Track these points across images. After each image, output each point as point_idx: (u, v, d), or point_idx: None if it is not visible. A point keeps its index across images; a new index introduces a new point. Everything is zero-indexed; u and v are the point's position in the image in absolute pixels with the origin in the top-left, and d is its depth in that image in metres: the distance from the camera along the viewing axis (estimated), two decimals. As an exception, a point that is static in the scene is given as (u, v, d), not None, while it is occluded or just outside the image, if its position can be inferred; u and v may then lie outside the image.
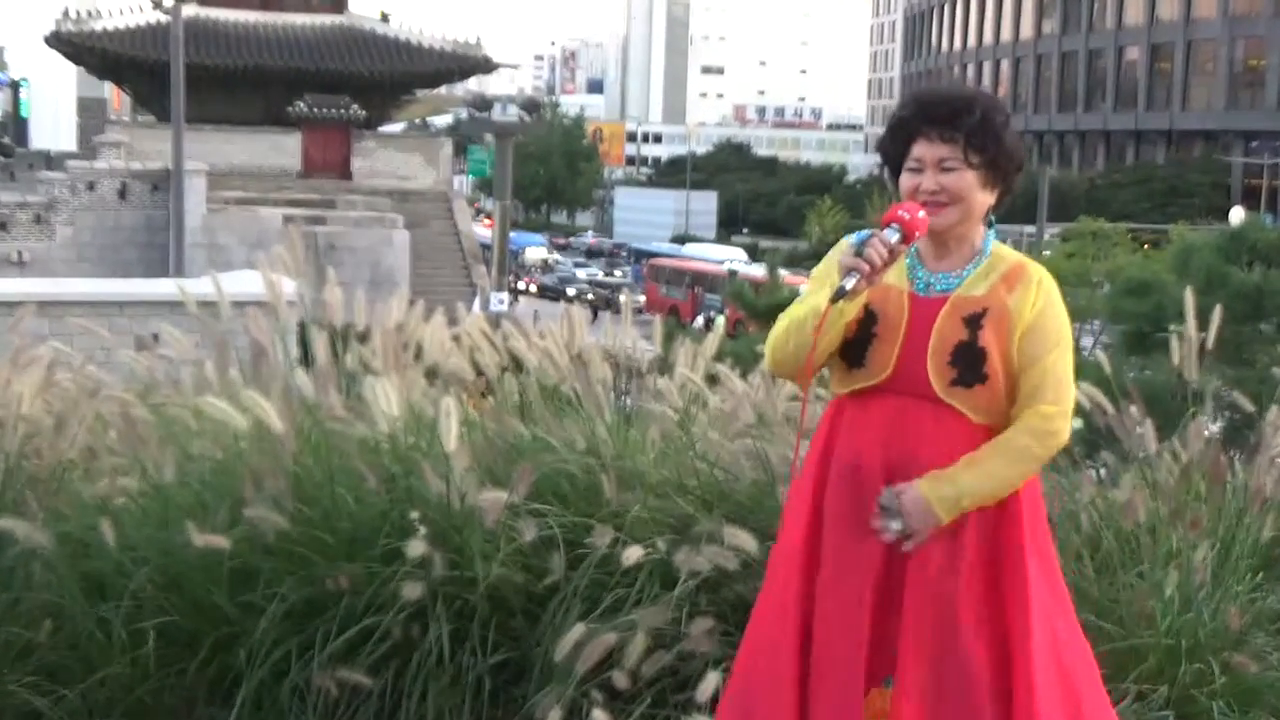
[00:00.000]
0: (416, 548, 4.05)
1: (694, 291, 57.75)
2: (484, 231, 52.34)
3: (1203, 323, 4.98)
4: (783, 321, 3.28)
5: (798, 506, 3.35)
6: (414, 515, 4.11)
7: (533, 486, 4.24)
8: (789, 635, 3.26)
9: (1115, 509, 4.69)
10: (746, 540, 4.10)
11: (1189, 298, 4.90)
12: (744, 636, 3.44)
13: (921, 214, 3.17)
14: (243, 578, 4.27)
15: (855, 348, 3.25)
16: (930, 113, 3.24)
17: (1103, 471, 5.23)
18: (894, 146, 3.30)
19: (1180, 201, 70.03)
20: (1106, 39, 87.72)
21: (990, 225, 3.33)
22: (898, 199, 3.30)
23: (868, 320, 3.24)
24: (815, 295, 3.26)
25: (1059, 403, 3.18)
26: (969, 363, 3.17)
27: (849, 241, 3.24)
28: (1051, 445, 3.19)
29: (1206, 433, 5.07)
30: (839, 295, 3.11)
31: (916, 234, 3.17)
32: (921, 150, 3.24)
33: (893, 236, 3.14)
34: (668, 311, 51.14)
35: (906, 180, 3.26)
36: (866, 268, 3.11)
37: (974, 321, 3.19)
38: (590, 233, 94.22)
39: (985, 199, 3.27)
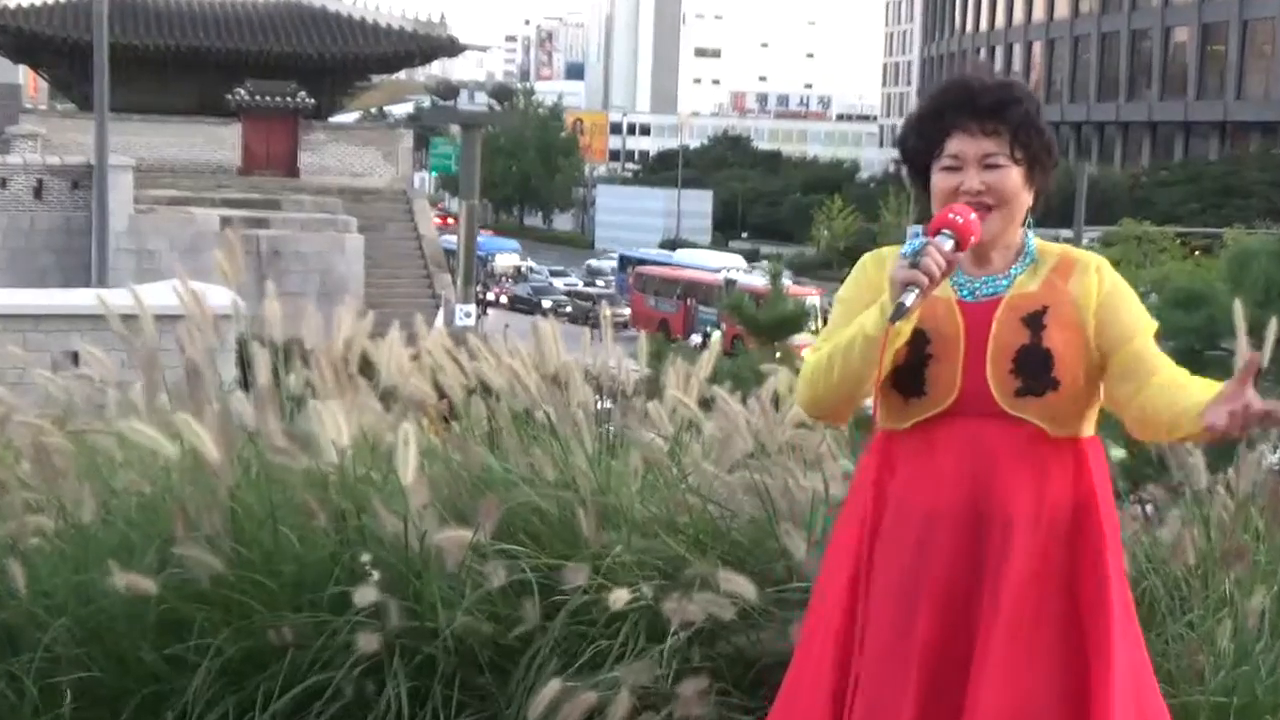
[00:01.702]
0: (369, 594, 4.05)
1: (686, 303, 57.85)
2: (448, 236, 52.33)
3: (1260, 338, 4.99)
4: (814, 356, 3.26)
5: (840, 562, 3.32)
6: (366, 558, 4.11)
7: (502, 524, 4.24)
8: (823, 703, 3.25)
9: (1162, 550, 4.70)
10: (744, 586, 4.10)
11: (1238, 309, 4.91)
12: (775, 706, 3.43)
13: (974, 216, 3.17)
14: (173, 628, 4.26)
15: (910, 373, 3.21)
16: (974, 102, 3.24)
17: (1148, 508, 5.24)
18: (923, 141, 3.30)
19: (1235, 202, 70.26)
20: (1152, 18, 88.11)
21: (1028, 225, 3.35)
22: (923, 202, 3.31)
23: (918, 340, 3.20)
24: (842, 321, 3.26)
25: (1183, 370, 3.17)
26: (1034, 369, 3.17)
27: (900, 253, 3.21)
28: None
29: (1265, 463, 5.08)
30: (899, 313, 3.07)
31: (971, 239, 3.16)
32: (961, 145, 3.24)
33: (947, 244, 3.12)
34: (656, 326, 51.32)
35: (943, 180, 3.26)
36: (926, 280, 3.08)
37: (1034, 321, 3.20)
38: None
39: (1027, 199, 3.30)
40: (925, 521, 3.19)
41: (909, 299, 3.07)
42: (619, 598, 4.09)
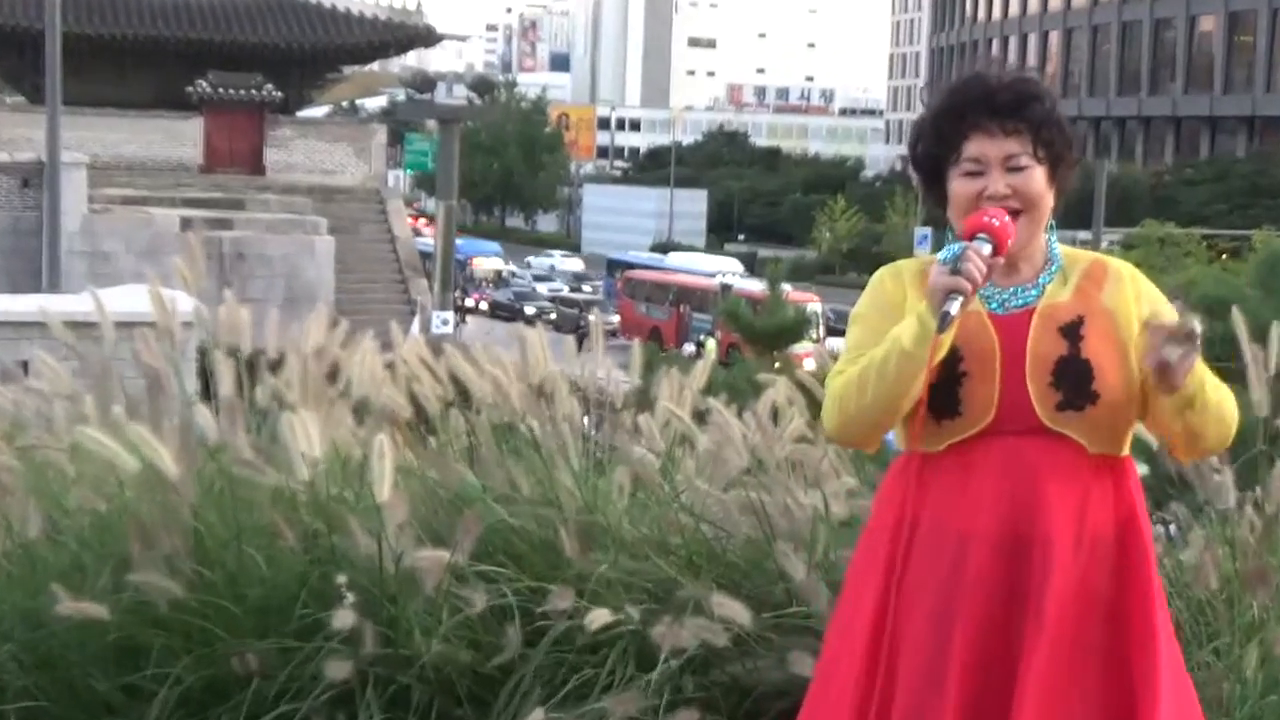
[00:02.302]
0: (342, 619, 4.05)
1: (679, 310, 57.93)
2: (425, 238, 52.35)
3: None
4: (839, 379, 3.24)
5: (865, 589, 3.32)
6: (342, 579, 4.11)
7: (481, 545, 4.24)
8: None
9: (1185, 572, 4.71)
10: (739, 611, 4.11)
11: (1238, 316, 4.91)
12: None
13: (1008, 218, 3.18)
14: (128, 656, 4.26)
15: (943, 393, 3.20)
16: (993, 101, 3.24)
17: (1172, 528, 5.25)
18: (939, 145, 3.30)
19: (1264, 202, 70.46)
20: (1176, 6, 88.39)
21: (1051, 229, 3.36)
22: (941, 205, 3.31)
23: (950, 358, 3.19)
24: (867, 339, 3.25)
25: (1225, 389, 3.25)
26: (1075, 381, 3.19)
27: (938, 259, 3.20)
28: (1234, 427, 3.30)
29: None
30: (945, 323, 3.08)
31: (1009, 242, 3.17)
32: (981, 147, 3.24)
33: (985, 248, 3.13)
34: (647, 334, 51.38)
35: (964, 186, 3.26)
36: (969, 287, 3.08)
37: (1072, 331, 3.21)
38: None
39: (1051, 201, 3.31)
40: (961, 545, 3.20)
41: (953, 307, 3.07)
42: (598, 618, 4.09)
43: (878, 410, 3.21)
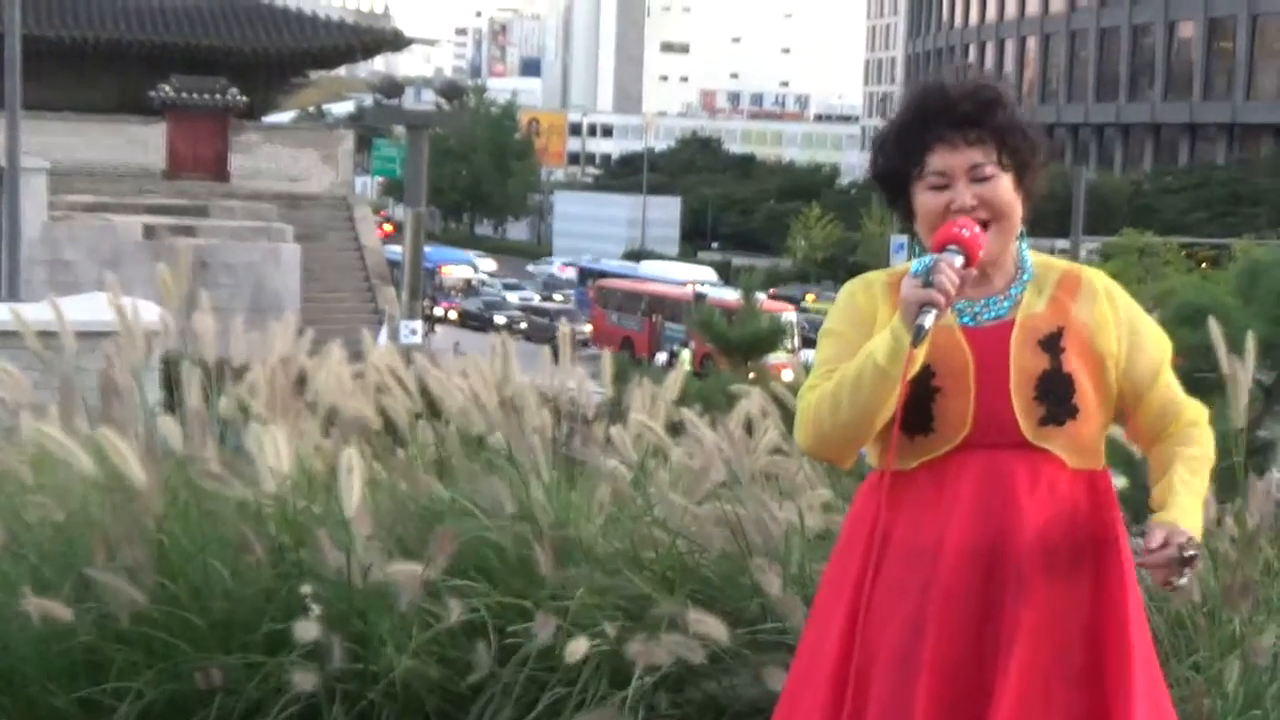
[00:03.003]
0: (308, 630, 4.04)
1: (652, 320, 57.90)
2: (393, 246, 52.27)
3: (1275, 358, 5.02)
4: (811, 394, 3.23)
5: (834, 607, 3.32)
6: (307, 589, 4.10)
7: (454, 560, 4.24)
8: None
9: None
10: (715, 627, 4.11)
11: (1215, 328, 4.94)
12: None
13: (978, 229, 3.17)
14: (88, 670, 4.25)
15: (915, 409, 3.20)
16: (954, 111, 3.24)
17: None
18: (903, 160, 3.28)
19: (1244, 210, 70.71)
20: (1155, 11, 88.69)
21: (1021, 236, 3.36)
22: (907, 218, 3.31)
23: (922, 374, 3.18)
24: (839, 353, 3.25)
25: (1198, 413, 3.35)
26: (1057, 395, 3.21)
27: (911, 270, 3.19)
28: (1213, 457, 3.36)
29: (1276, 493, 5.11)
30: (919, 336, 3.07)
31: (980, 253, 3.17)
32: (945, 159, 3.23)
33: (957, 260, 3.12)
34: (620, 344, 51.36)
35: (931, 199, 3.25)
36: (942, 299, 3.08)
37: (1052, 344, 3.23)
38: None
39: (1020, 208, 3.30)
40: (933, 558, 3.20)
41: (927, 320, 3.06)
42: (577, 648, 4.09)
43: (852, 427, 3.20)
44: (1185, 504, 3.21)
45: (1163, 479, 3.28)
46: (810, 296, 71.61)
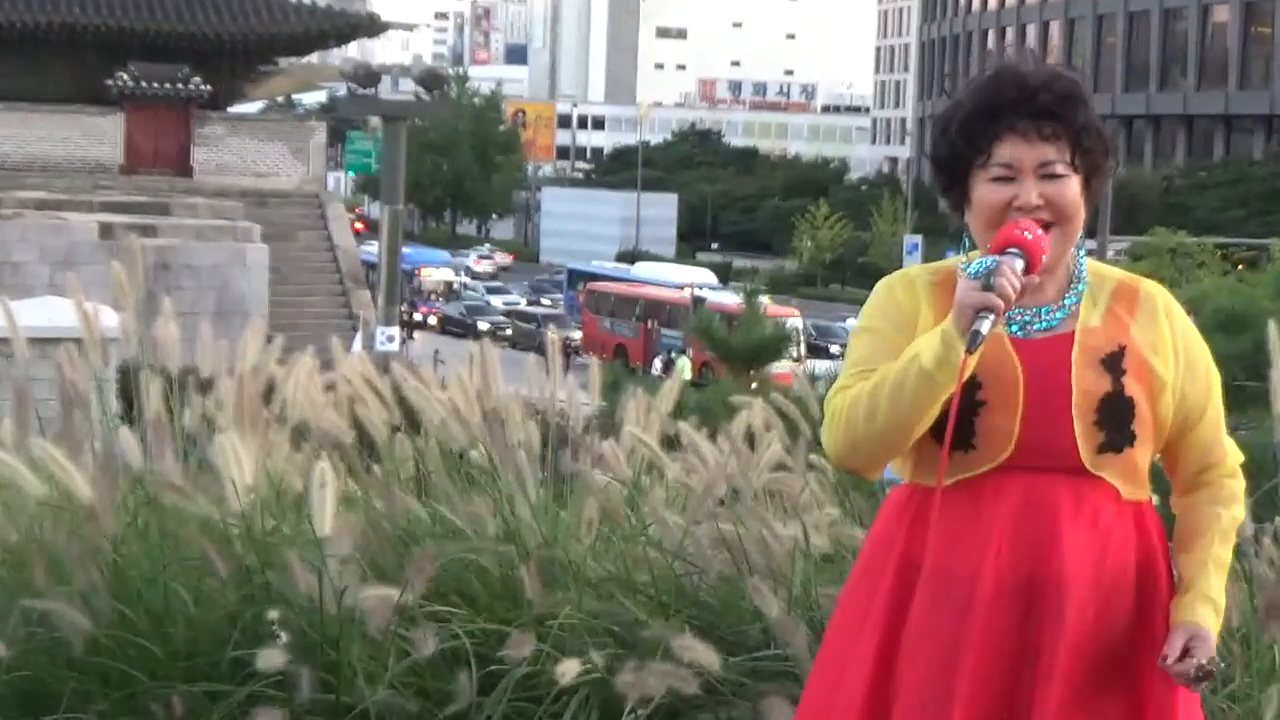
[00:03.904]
0: (274, 658, 4.04)
1: (647, 326, 57.91)
2: (368, 246, 52.27)
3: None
4: (843, 396, 3.19)
5: (855, 634, 3.30)
6: (273, 614, 4.10)
7: (433, 583, 4.24)
8: None
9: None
10: (706, 654, 4.11)
11: (1273, 331, 4.95)
12: None
13: (1041, 232, 3.14)
14: (37, 701, 4.25)
15: (957, 423, 3.14)
16: (1032, 101, 3.21)
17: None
18: (967, 146, 3.24)
19: (1284, 208, 70.81)
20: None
21: (1080, 244, 3.33)
22: (957, 208, 3.29)
23: (967, 386, 3.12)
24: (878, 353, 3.21)
25: (1236, 460, 3.34)
26: (1118, 420, 3.18)
27: (968, 273, 3.13)
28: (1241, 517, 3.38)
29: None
30: (975, 343, 3.02)
31: (1043, 258, 3.13)
32: (1014, 151, 3.20)
33: (1018, 263, 3.09)
34: (612, 352, 51.40)
35: (993, 193, 3.22)
36: (1002, 304, 3.04)
37: (1114, 364, 3.20)
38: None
39: (1084, 214, 3.27)
40: (969, 589, 3.18)
41: (984, 326, 3.02)
42: (567, 670, 4.10)
43: (889, 435, 3.16)
44: (1214, 591, 3.23)
45: (1196, 546, 3.28)
46: None
